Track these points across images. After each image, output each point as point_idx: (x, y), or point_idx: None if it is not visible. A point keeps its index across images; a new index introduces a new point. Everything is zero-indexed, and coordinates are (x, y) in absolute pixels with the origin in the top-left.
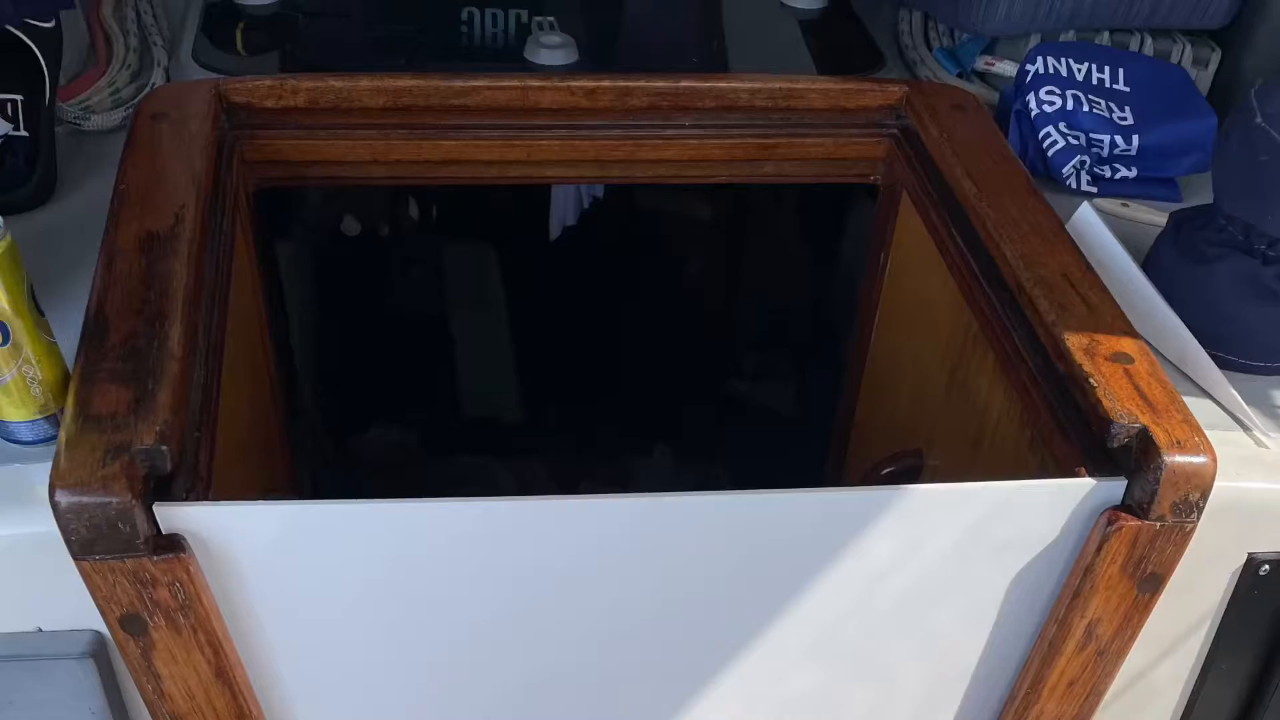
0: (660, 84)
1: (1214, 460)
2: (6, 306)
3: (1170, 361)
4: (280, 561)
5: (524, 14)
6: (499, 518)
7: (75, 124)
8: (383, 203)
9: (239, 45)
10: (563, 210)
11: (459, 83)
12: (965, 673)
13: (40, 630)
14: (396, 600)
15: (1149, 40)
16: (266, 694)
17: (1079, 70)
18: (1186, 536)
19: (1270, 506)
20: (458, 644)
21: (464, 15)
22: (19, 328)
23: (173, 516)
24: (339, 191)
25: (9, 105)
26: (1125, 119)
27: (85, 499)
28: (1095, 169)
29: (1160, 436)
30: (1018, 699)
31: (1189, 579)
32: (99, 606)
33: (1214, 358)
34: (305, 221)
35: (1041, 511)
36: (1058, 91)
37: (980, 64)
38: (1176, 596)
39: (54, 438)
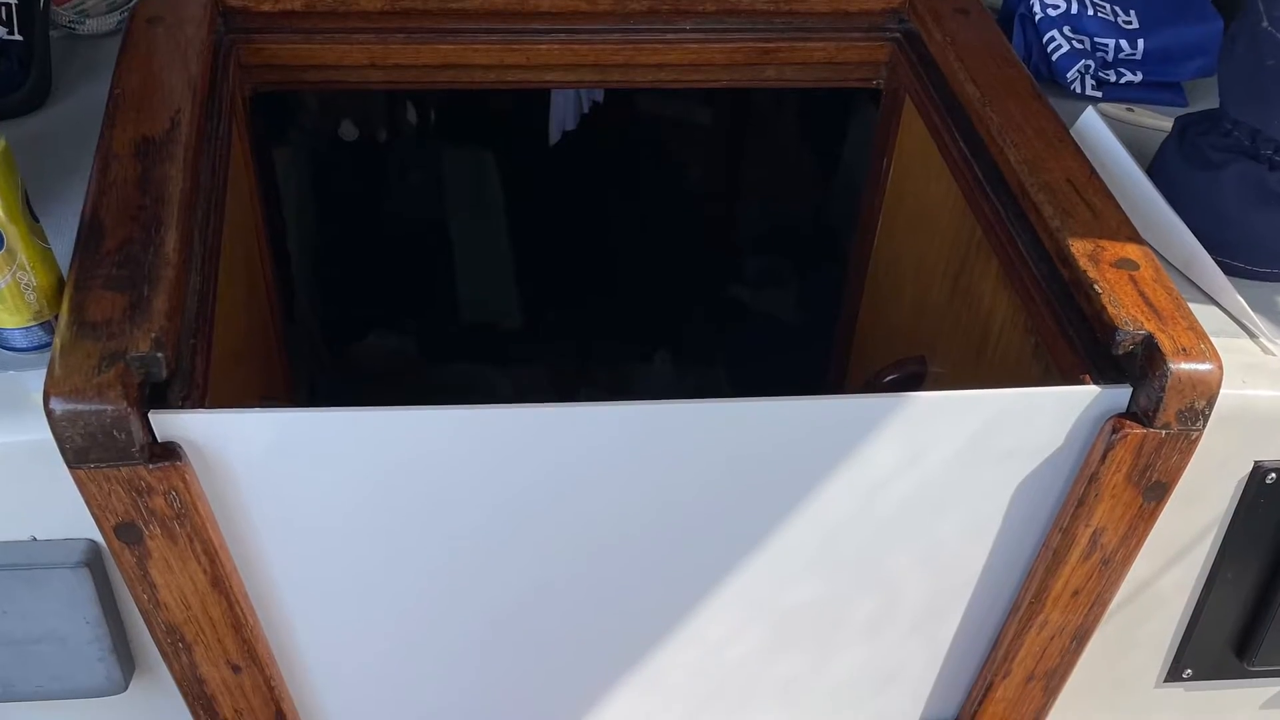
0: None
1: (1220, 367)
2: (0, 213)
3: (1176, 268)
4: (277, 469)
5: None
6: (497, 425)
7: (70, 28)
8: (380, 108)
9: None
10: (562, 115)
11: None
12: (969, 582)
13: (34, 539)
14: (393, 508)
15: None
16: (263, 602)
17: None
18: (1192, 444)
19: (1277, 414)
20: (456, 552)
21: None
22: (13, 234)
23: (168, 424)
24: (336, 96)
25: (3, 9)
26: (1130, 23)
27: (80, 406)
28: (1100, 73)
29: (1166, 343)
30: (1021, 608)
31: (1194, 487)
32: (94, 515)
33: (1220, 264)
34: (302, 126)
35: (1046, 419)
36: None
37: None
38: (1182, 505)
39: (49, 344)
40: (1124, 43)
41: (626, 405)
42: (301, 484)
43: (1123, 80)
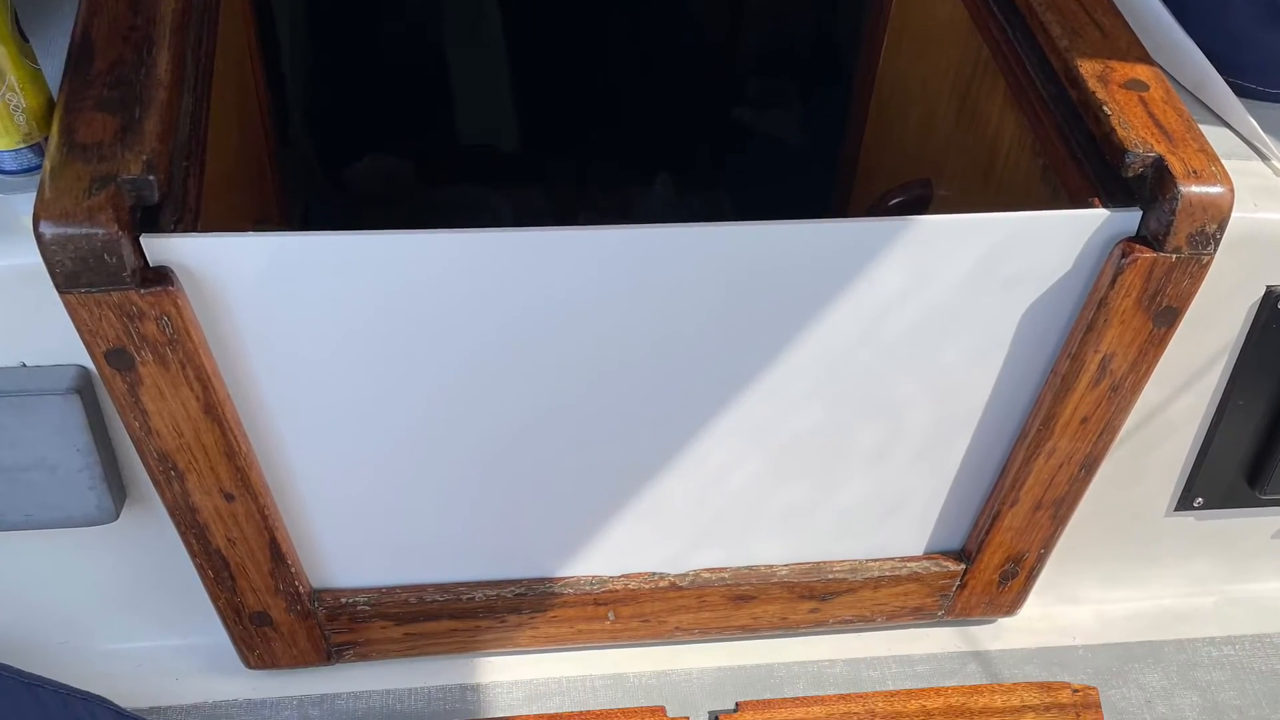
0: None
1: (1231, 190)
2: None
3: (1186, 89)
4: (271, 294)
5: None
6: (496, 249)
7: None
8: None
9: None
10: None
11: None
12: (975, 409)
13: (24, 365)
14: (389, 334)
15: None
16: (256, 430)
17: None
18: (1203, 269)
19: None
20: (452, 379)
21: None
22: (1, 54)
23: (160, 248)
24: None
25: None
26: None
27: (71, 230)
28: None
29: (1176, 166)
30: (1029, 436)
31: (1205, 313)
32: (84, 341)
33: (1231, 85)
34: None
35: (1054, 243)
36: None
37: None
38: (1192, 331)
39: (38, 167)
40: None
41: (627, 229)
42: (296, 309)
43: None
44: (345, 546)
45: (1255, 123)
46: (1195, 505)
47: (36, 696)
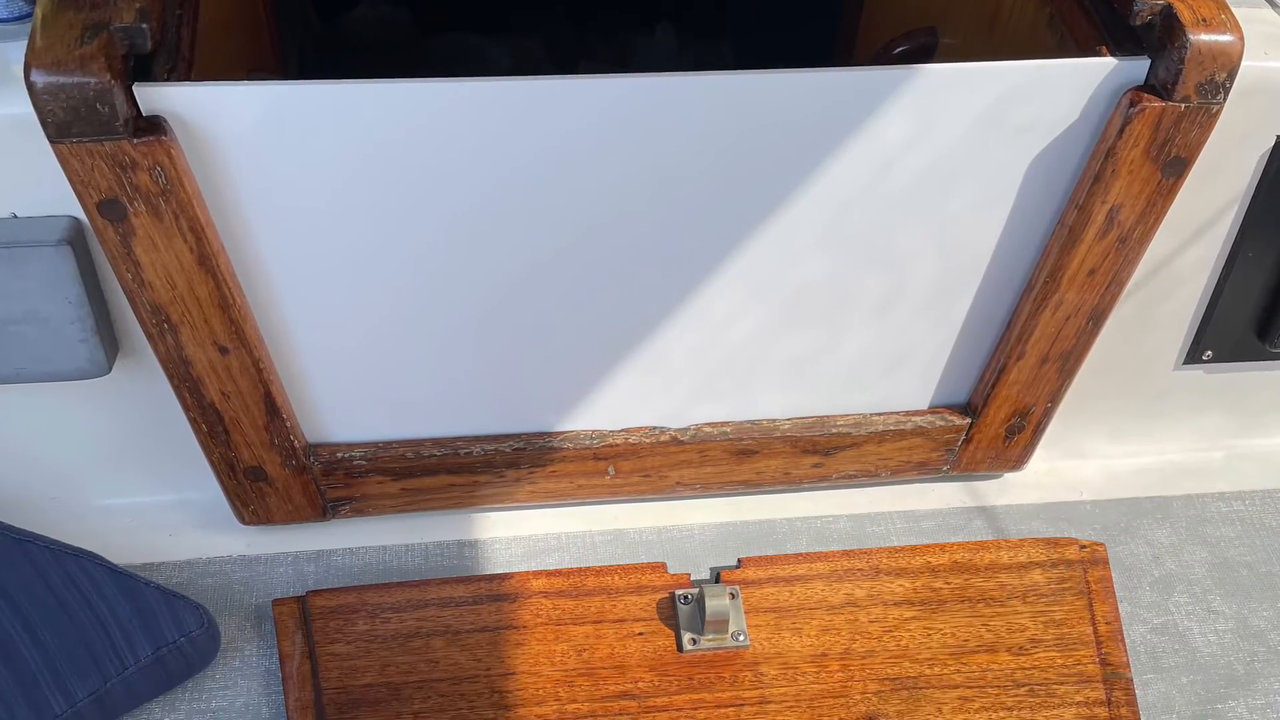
0: None
1: (1241, 39)
2: None
3: None
4: (265, 144)
5: None
6: (495, 98)
7: None
8: None
9: None
10: None
11: None
12: (980, 261)
13: (15, 216)
14: (386, 185)
15: None
16: (250, 282)
17: None
18: (1212, 119)
19: None
20: (449, 230)
21: None
22: None
23: (153, 97)
24: None
25: None
26: None
27: (62, 79)
28: None
29: (1185, 14)
30: (1036, 288)
31: (1215, 163)
32: (76, 191)
33: None
34: None
35: (1061, 92)
36: None
37: None
38: (1202, 181)
39: (30, 15)
40: None
41: (627, 77)
42: (291, 159)
43: None
44: (341, 400)
45: None
46: (1204, 359)
47: (27, 552)
